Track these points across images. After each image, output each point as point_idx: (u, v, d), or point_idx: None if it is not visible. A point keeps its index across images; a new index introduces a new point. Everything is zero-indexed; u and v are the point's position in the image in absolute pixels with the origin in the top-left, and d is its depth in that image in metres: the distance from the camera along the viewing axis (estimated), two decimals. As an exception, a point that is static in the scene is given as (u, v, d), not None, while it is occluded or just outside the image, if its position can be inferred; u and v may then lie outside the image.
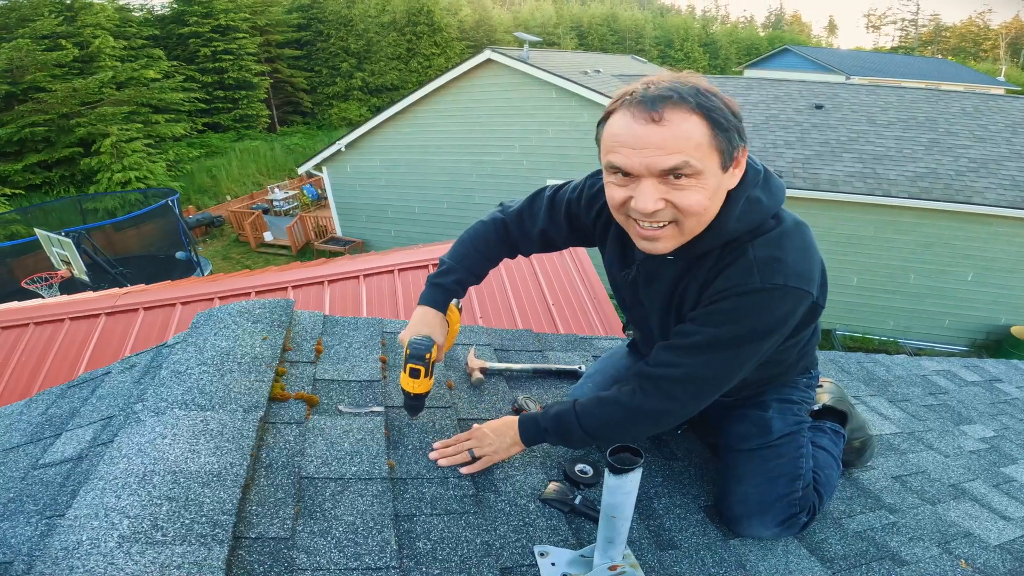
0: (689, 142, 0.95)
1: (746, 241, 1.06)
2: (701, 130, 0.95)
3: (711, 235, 1.07)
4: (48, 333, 3.98)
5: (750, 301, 1.04)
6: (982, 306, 9.71)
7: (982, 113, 11.04)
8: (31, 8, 19.70)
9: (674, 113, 0.94)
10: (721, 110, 0.96)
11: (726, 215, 1.05)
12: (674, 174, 0.97)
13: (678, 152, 0.95)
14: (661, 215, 1.01)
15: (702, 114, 0.95)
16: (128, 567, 0.83)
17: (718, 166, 0.99)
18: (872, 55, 39.31)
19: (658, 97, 0.95)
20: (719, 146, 0.97)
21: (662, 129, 0.95)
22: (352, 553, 1.01)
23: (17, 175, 18.59)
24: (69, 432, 1.40)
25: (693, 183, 0.98)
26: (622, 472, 0.88)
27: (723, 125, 0.96)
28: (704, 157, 0.96)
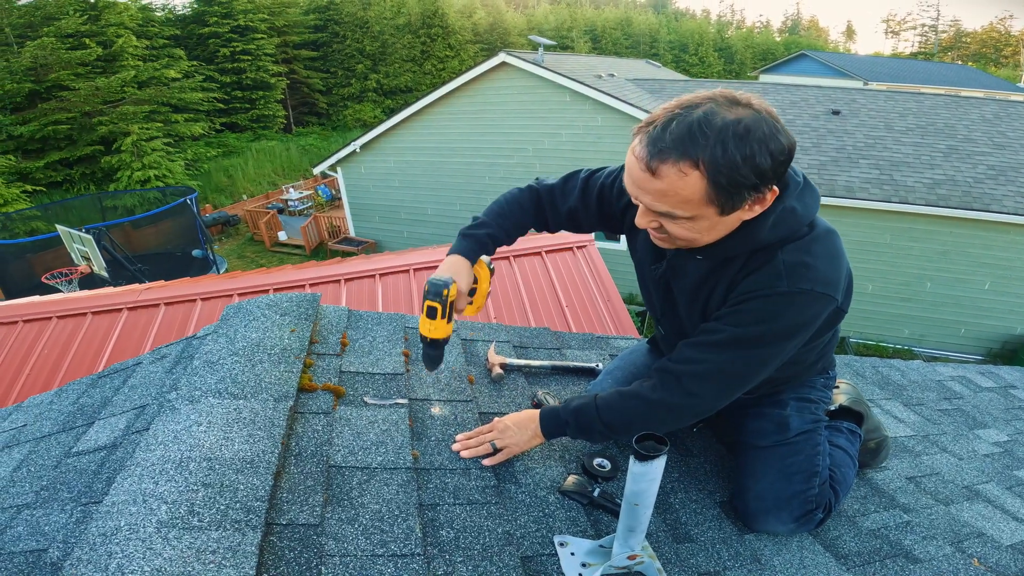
0: (677, 197, 0.99)
1: (776, 247, 1.09)
2: (696, 187, 0.97)
3: (742, 241, 1.10)
4: (71, 326, 4.07)
5: (776, 303, 1.06)
6: (999, 315, 9.60)
7: (1002, 120, 10.92)
8: (56, 7, 20.05)
9: (670, 169, 0.96)
10: (733, 167, 0.94)
11: (759, 226, 1.07)
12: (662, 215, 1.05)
13: (665, 204, 1.01)
14: (657, 230, 1.11)
15: (704, 172, 0.95)
16: (166, 552, 0.85)
17: (715, 214, 1.02)
18: (891, 60, 38.97)
19: (663, 149, 0.96)
20: (716, 200, 0.99)
21: (656, 181, 0.99)
22: (378, 540, 1.05)
23: (39, 172, 18.95)
24: (102, 421, 1.44)
25: (683, 222, 1.04)
26: (648, 459, 0.91)
27: (724, 184, 0.96)
28: (694, 208, 1.00)
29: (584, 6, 58.66)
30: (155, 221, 15.11)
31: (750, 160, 0.94)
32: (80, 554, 0.85)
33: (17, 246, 13.50)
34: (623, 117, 10.80)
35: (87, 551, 0.86)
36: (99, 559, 0.84)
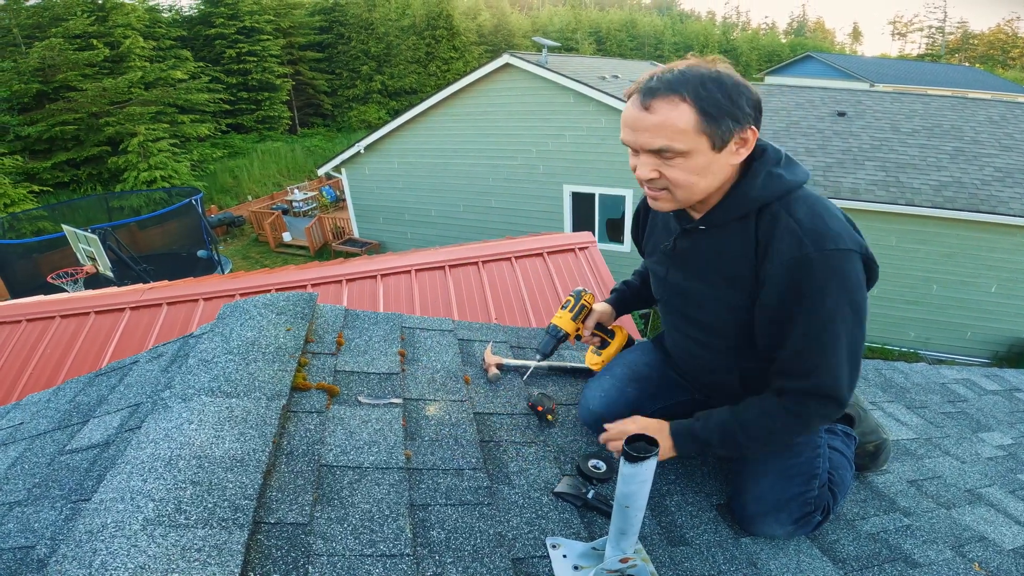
0: (672, 128, 1.08)
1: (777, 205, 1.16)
2: (687, 118, 1.07)
3: (735, 202, 1.18)
4: (74, 326, 4.08)
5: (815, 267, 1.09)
6: (1006, 318, 9.52)
7: (1008, 121, 10.85)
8: (64, 8, 20.18)
9: (663, 103, 1.08)
10: (715, 99, 1.07)
11: (748, 184, 1.17)
12: (660, 154, 1.11)
13: (663, 137, 1.09)
14: (656, 183, 1.17)
15: (691, 103, 1.07)
16: (150, 549, 0.85)
17: (708, 147, 1.10)
18: (897, 62, 38.77)
19: (653, 88, 1.09)
20: (707, 131, 1.08)
21: (650, 116, 1.09)
22: (368, 540, 1.04)
23: (46, 173, 19.07)
24: (97, 419, 1.44)
25: (680, 161, 1.11)
26: (638, 460, 0.90)
27: (712, 113, 1.07)
28: (689, 139, 1.09)
29: (589, 8, 58.68)
30: (161, 222, 15.18)
31: (727, 96, 1.08)
32: (65, 551, 0.85)
33: (23, 246, 13.58)
34: (627, 118, 10.78)
35: (72, 548, 0.85)
36: (84, 556, 0.83)
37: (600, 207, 11.90)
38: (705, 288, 1.29)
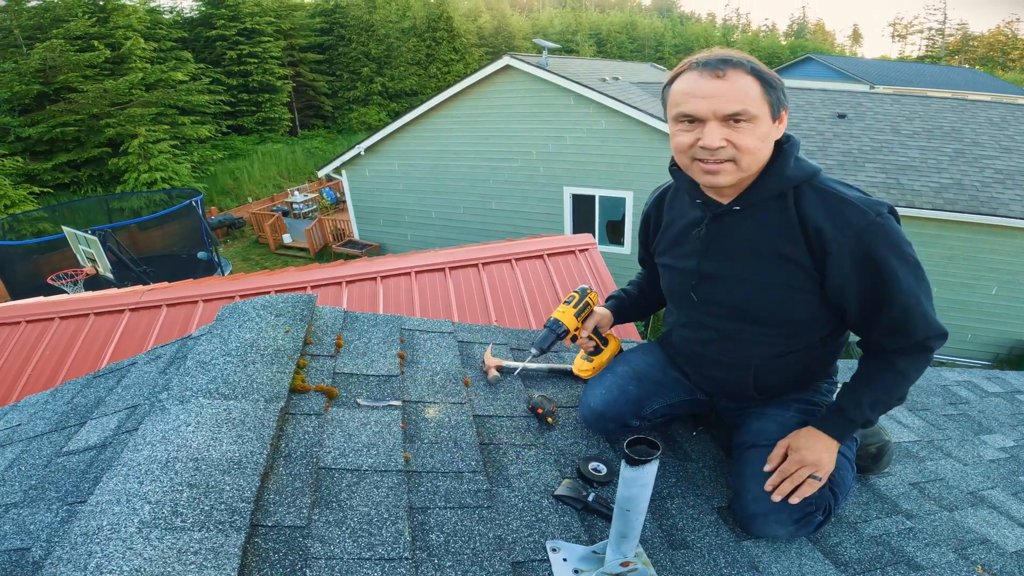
0: (747, 94, 1.15)
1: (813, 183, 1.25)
2: (755, 87, 1.16)
3: (773, 181, 1.24)
4: (73, 327, 4.07)
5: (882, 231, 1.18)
6: (1006, 320, 9.51)
7: (1009, 123, 10.85)
8: (65, 9, 20.18)
9: (734, 72, 1.16)
10: (770, 74, 1.18)
11: (783, 163, 1.24)
12: (735, 119, 1.16)
13: (739, 101, 1.15)
14: (722, 152, 1.19)
15: (755, 75, 1.16)
16: (146, 552, 0.84)
17: (769, 116, 1.18)
18: (897, 64, 38.77)
19: (721, 60, 1.17)
20: (769, 100, 1.17)
21: (726, 83, 1.15)
22: (366, 543, 1.03)
23: (47, 174, 19.06)
24: (94, 420, 1.43)
25: (750, 127, 1.17)
26: (639, 464, 0.89)
27: (772, 84, 1.18)
28: (758, 107, 1.16)
29: (589, 10, 58.76)
30: (161, 223, 15.17)
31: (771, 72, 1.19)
32: (60, 553, 0.85)
33: (23, 247, 13.58)
34: (627, 120, 10.78)
35: (68, 550, 0.85)
36: (79, 558, 0.83)
37: (600, 209, 11.89)
38: (742, 269, 1.31)
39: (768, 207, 1.26)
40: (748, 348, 1.39)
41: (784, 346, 1.37)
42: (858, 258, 1.18)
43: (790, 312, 1.31)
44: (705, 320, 1.43)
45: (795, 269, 1.25)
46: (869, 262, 1.18)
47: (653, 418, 1.56)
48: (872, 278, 1.19)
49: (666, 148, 10.49)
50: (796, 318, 1.32)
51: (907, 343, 1.25)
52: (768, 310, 1.32)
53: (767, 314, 1.32)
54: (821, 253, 1.21)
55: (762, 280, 1.29)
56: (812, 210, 1.21)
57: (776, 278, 1.27)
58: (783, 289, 1.27)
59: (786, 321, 1.33)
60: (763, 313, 1.33)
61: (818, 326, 1.35)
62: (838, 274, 1.21)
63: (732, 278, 1.33)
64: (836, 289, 1.24)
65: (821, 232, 1.19)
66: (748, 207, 1.27)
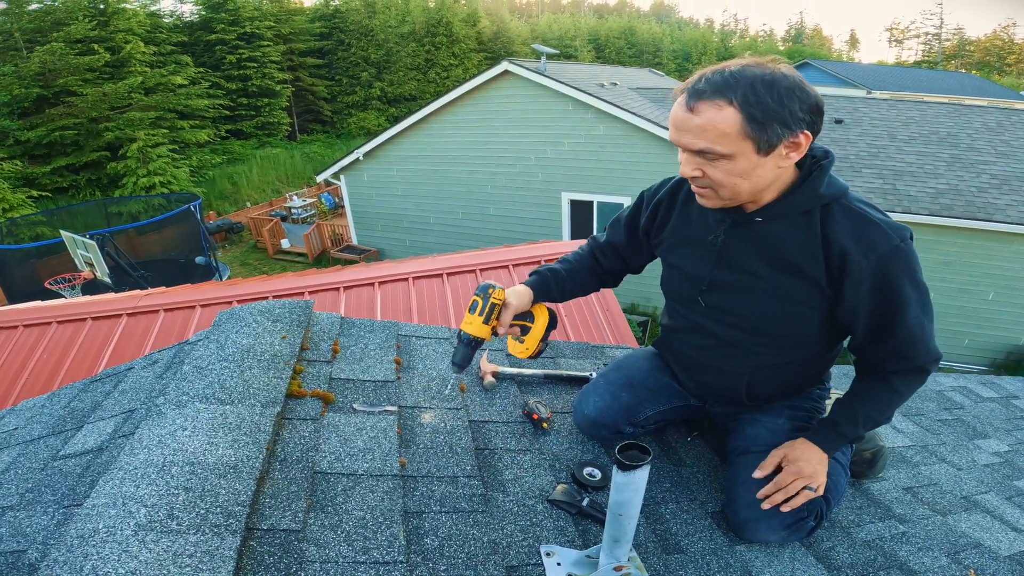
0: (715, 131, 1.09)
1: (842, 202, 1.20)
2: (733, 123, 1.08)
3: (802, 198, 1.21)
4: (70, 331, 4.07)
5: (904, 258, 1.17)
6: (1003, 326, 9.54)
7: (1005, 128, 10.90)
8: (66, 12, 20.21)
9: (707, 105, 1.09)
10: (764, 104, 1.07)
11: (817, 181, 1.20)
12: (702, 155, 1.13)
13: (704, 140, 1.11)
14: (699, 180, 1.18)
15: (737, 107, 1.07)
16: (142, 555, 0.85)
17: (752, 151, 1.11)
18: (894, 69, 38.95)
19: (700, 90, 1.10)
20: (752, 135, 1.09)
21: (695, 118, 1.10)
22: (361, 547, 1.04)
23: (45, 178, 19.07)
24: (91, 424, 1.44)
25: (723, 163, 1.13)
26: (630, 469, 0.90)
27: (757, 118, 1.07)
28: (732, 143, 1.10)
29: (588, 15, 58.99)
30: (159, 228, 15.16)
31: (778, 100, 1.07)
32: (56, 555, 0.85)
33: (21, 251, 13.56)
34: (625, 126, 10.82)
35: (64, 552, 0.86)
36: (75, 560, 0.84)
37: (598, 215, 11.91)
38: (755, 280, 1.29)
39: (792, 222, 1.23)
40: (747, 357, 1.39)
41: (783, 357, 1.37)
42: (876, 282, 1.17)
43: (795, 327, 1.30)
44: (707, 325, 1.41)
45: (809, 286, 1.24)
46: (886, 287, 1.17)
47: (647, 424, 1.57)
48: (885, 303, 1.19)
49: (663, 153, 10.53)
50: (800, 333, 1.32)
51: (908, 367, 1.27)
52: (774, 323, 1.31)
53: (772, 327, 1.32)
54: (840, 274, 1.19)
55: (773, 293, 1.28)
56: (839, 230, 1.18)
57: (788, 292, 1.26)
58: (793, 304, 1.27)
59: (790, 335, 1.33)
60: (768, 326, 1.32)
61: (819, 341, 1.35)
62: (854, 296, 1.20)
63: (743, 288, 1.31)
64: (849, 310, 1.23)
65: (845, 253, 1.17)
66: (770, 219, 1.24)
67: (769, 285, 1.28)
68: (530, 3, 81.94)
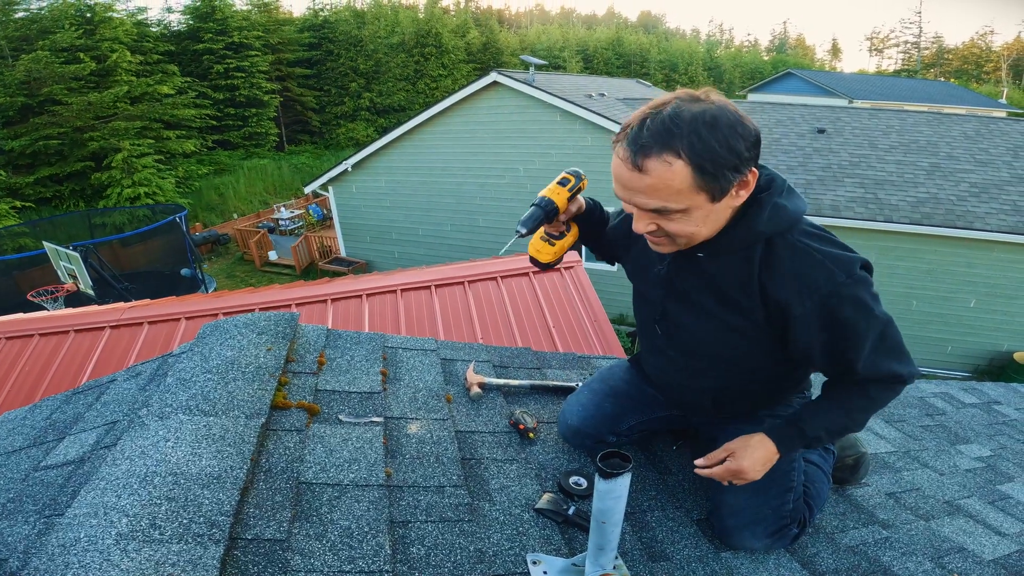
0: (668, 190, 1.03)
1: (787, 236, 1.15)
2: (683, 175, 1.01)
3: (741, 235, 1.15)
4: (53, 344, 4.02)
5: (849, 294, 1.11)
6: (985, 332, 9.67)
7: (983, 137, 11.11)
8: (52, 20, 20.04)
9: (655, 162, 1.01)
10: (711, 151, 1.00)
11: (755, 218, 1.13)
12: (657, 212, 1.08)
13: (656, 199, 1.05)
14: (656, 233, 1.14)
15: (687, 159, 1.00)
16: (123, 564, 0.85)
17: (706, 201, 1.06)
18: (875, 78, 39.66)
19: (644, 145, 1.01)
20: (704, 186, 1.03)
21: (644, 177, 1.03)
22: (346, 556, 1.04)
23: (28, 188, 18.81)
24: (72, 436, 1.43)
25: (678, 216, 1.08)
26: (612, 476, 0.90)
27: (708, 169, 1.01)
28: (686, 198, 1.04)
29: (576, 26, 59.54)
30: (144, 239, 15.01)
31: (724, 143, 1.00)
32: (37, 564, 0.85)
33: (3, 263, 13.37)
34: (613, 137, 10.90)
35: (45, 561, 0.86)
36: (55, 569, 0.83)
37: (587, 225, 11.95)
38: (698, 312, 1.28)
39: (731, 258, 1.19)
40: (704, 379, 1.39)
41: (740, 379, 1.36)
42: (824, 323, 1.13)
43: (746, 354, 1.29)
44: (665, 349, 1.42)
45: (748, 321, 1.21)
46: (835, 326, 1.13)
47: (630, 434, 1.58)
48: (837, 340, 1.15)
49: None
50: (755, 358, 1.30)
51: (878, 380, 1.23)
52: (724, 351, 1.30)
53: (725, 354, 1.30)
54: (782, 319, 1.16)
55: (720, 324, 1.25)
56: (775, 275, 1.14)
57: (733, 325, 1.24)
58: (739, 336, 1.25)
59: (740, 361, 1.31)
60: (720, 353, 1.31)
61: (779, 363, 1.32)
62: (803, 336, 1.17)
63: (691, 317, 1.31)
64: (801, 349, 1.20)
65: (782, 302, 1.14)
66: (711, 255, 1.21)
67: (711, 316, 1.26)
68: (519, 14, 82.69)
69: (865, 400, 1.25)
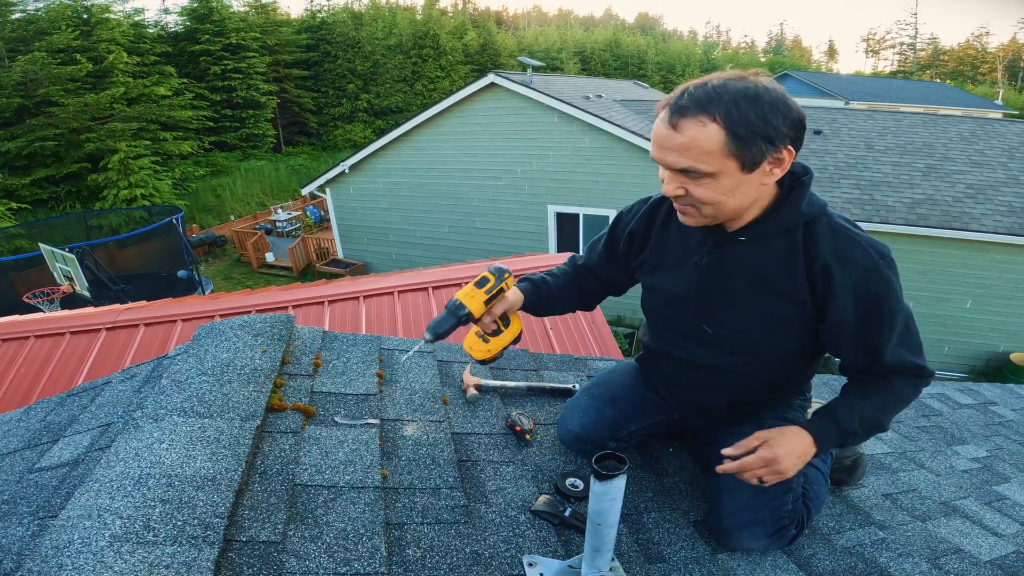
0: (699, 150, 1.06)
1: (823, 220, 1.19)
2: (715, 139, 1.05)
3: (784, 217, 1.19)
4: (48, 346, 4.01)
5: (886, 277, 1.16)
6: (981, 333, 9.70)
7: (979, 138, 11.15)
8: (48, 22, 20.00)
9: (691, 122, 1.06)
10: (748, 120, 1.04)
11: (798, 199, 1.18)
12: (686, 173, 1.10)
13: (687, 158, 1.08)
14: (683, 199, 1.16)
15: (721, 123, 1.04)
16: (117, 565, 0.84)
17: (736, 169, 1.09)
18: (871, 79, 39.79)
19: (683, 107, 1.07)
20: (736, 152, 1.06)
21: (678, 135, 1.07)
22: (342, 559, 1.03)
23: (24, 189, 18.77)
24: (67, 438, 1.42)
25: (707, 181, 1.10)
26: (607, 478, 0.90)
27: (741, 135, 1.05)
28: (716, 162, 1.07)
29: (574, 28, 59.63)
30: (140, 241, 14.98)
31: (761, 116, 1.05)
32: (31, 566, 0.85)
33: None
34: (611, 138, 10.92)
35: (38, 563, 0.85)
36: (49, 571, 0.83)
37: (584, 227, 11.98)
38: (738, 301, 1.27)
39: (775, 241, 1.21)
40: (730, 377, 1.37)
41: (764, 374, 1.36)
42: (860, 299, 1.16)
43: (778, 346, 1.29)
44: (689, 346, 1.39)
45: (792, 306, 1.22)
46: (869, 304, 1.16)
47: (630, 439, 1.58)
48: (869, 321, 1.17)
49: (648, 166, 10.63)
50: (783, 351, 1.30)
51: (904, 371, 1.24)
52: (757, 343, 1.29)
53: (755, 346, 1.30)
54: (824, 293, 1.18)
55: (757, 314, 1.25)
56: (822, 248, 1.17)
57: (771, 313, 1.24)
58: (776, 324, 1.25)
59: (772, 353, 1.31)
60: (752, 345, 1.30)
61: (801, 357, 1.34)
62: (839, 315, 1.18)
63: (727, 309, 1.29)
64: (833, 330, 1.21)
65: (829, 272, 1.15)
66: (753, 239, 1.22)
67: (753, 305, 1.25)
68: (517, 16, 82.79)
69: (891, 394, 1.25)
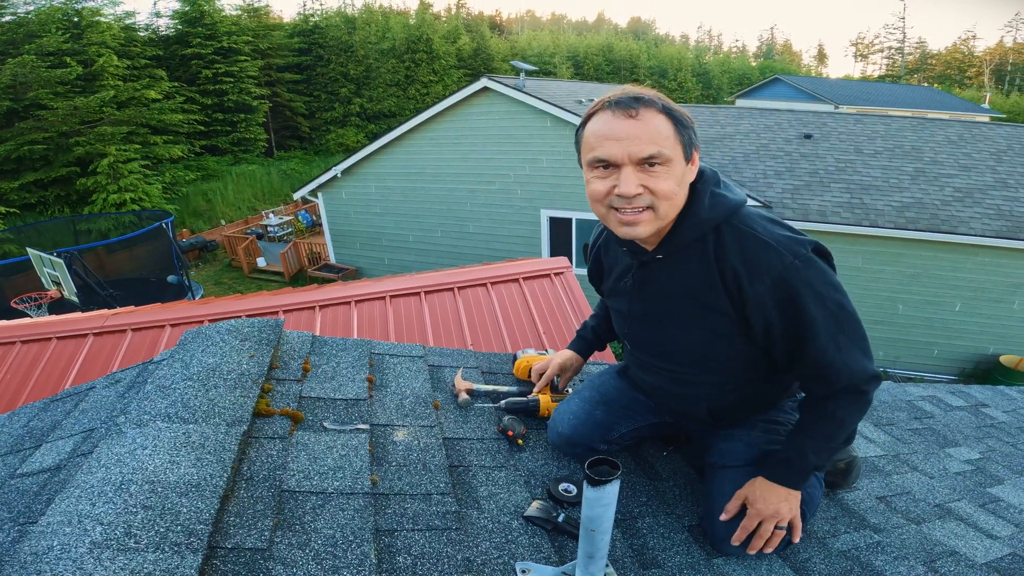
0: (660, 135, 1.11)
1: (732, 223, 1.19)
2: (668, 126, 1.13)
3: (689, 225, 1.20)
4: (35, 351, 3.95)
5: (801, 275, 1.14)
6: (970, 336, 9.76)
7: (967, 141, 11.26)
8: (39, 24, 19.82)
9: (647, 111, 1.12)
10: (679, 112, 1.15)
11: (697, 206, 1.20)
12: (649, 162, 1.11)
13: (653, 143, 1.11)
14: (640, 200, 1.14)
15: (667, 114, 1.13)
16: (97, 572, 0.83)
17: (682, 157, 1.15)
18: (860, 84, 40.12)
19: (633, 98, 1.12)
20: (682, 140, 1.14)
21: (640, 123, 1.11)
22: (330, 566, 1.01)
23: (13, 193, 18.55)
24: (49, 444, 1.39)
25: (665, 170, 1.13)
26: (600, 484, 0.89)
27: (684, 123, 1.14)
28: (671, 148, 1.13)
29: (567, 32, 59.85)
30: (129, 246, 14.85)
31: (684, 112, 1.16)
32: (10, 572, 0.83)
33: (-14, 270, 13.19)
34: (602, 142, 10.91)
35: (17, 569, 0.83)
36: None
37: (577, 232, 11.98)
38: (667, 317, 1.30)
39: (689, 253, 1.22)
40: (699, 388, 1.39)
41: (732, 384, 1.36)
42: (778, 304, 1.15)
43: (720, 356, 1.30)
44: (654, 362, 1.43)
45: (718, 317, 1.22)
46: (787, 307, 1.15)
47: (621, 442, 1.57)
48: (790, 324, 1.16)
49: (640, 169, 10.63)
50: (728, 361, 1.31)
51: (832, 390, 1.21)
52: (698, 355, 1.31)
53: (708, 358, 1.31)
54: (740, 301, 1.17)
55: (695, 327, 1.27)
56: (730, 255, 1.16)
57: (706, 325, 1.25)
58: (707, 335, 1.26)
59: (719, 363, 1.32)
60: (694, 357, 1.32)
61: (755, 366, 1.32)
62: (759, 321, 1.18)
63: (660, 325, 1.33)
64: (759, 336, 1.21)
65: (739, 279, 1.15)
66: (670, 255, 1.24)
67: (688, 319, 1.27)
68: (510, 20, 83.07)
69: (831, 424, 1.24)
